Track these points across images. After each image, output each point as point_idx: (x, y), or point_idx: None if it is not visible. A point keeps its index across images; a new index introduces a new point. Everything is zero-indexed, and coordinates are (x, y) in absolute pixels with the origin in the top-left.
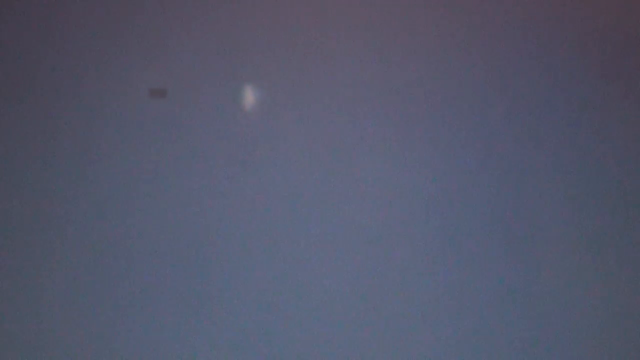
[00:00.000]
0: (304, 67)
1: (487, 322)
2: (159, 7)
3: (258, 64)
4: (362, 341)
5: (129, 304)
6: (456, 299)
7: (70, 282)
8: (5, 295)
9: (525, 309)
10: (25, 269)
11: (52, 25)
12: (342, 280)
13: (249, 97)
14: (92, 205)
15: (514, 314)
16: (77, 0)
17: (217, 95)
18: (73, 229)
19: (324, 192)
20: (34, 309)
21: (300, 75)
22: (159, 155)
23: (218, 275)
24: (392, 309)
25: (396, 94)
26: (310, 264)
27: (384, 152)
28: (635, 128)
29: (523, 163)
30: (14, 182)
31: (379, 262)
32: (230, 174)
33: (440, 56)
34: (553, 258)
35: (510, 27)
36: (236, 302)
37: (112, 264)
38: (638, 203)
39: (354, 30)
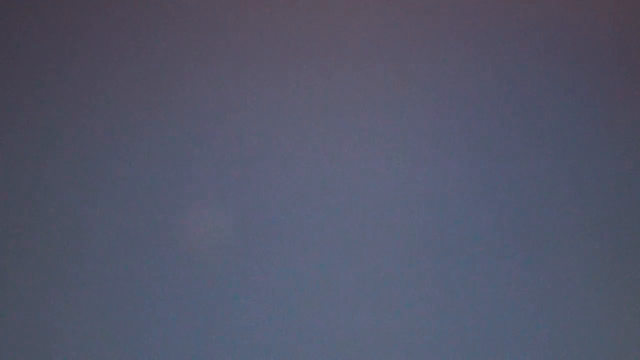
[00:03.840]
0: (306, 67)
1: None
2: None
3: (258, 64)
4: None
5: (127, 304)
6: (459, 301)
7: (69, 283)
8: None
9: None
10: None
11: (52, 26)
12: (344, 281)
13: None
14: (91, 205)
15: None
16: (78, 2)
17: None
18: (72, 230)
19: (325, 193)
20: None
21: (301, 75)
22: (159, 156)
23: (218, 276)
24: (395, 312)
25: (399, 95)
26: (310, 265)
27: (387, 152)
28: None
29: (529, 164)
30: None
31: (383, 264)
32: (231, 174)
33: (442, 56)
34: (562, 261)
35: (514, 27)
36: (238, 304)
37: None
38: None
39: (354, 30)
